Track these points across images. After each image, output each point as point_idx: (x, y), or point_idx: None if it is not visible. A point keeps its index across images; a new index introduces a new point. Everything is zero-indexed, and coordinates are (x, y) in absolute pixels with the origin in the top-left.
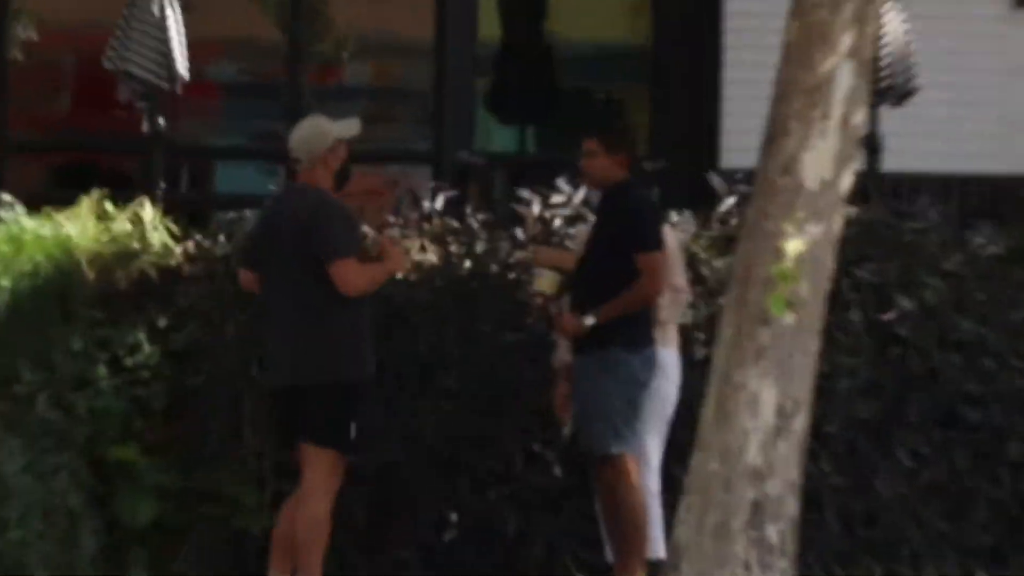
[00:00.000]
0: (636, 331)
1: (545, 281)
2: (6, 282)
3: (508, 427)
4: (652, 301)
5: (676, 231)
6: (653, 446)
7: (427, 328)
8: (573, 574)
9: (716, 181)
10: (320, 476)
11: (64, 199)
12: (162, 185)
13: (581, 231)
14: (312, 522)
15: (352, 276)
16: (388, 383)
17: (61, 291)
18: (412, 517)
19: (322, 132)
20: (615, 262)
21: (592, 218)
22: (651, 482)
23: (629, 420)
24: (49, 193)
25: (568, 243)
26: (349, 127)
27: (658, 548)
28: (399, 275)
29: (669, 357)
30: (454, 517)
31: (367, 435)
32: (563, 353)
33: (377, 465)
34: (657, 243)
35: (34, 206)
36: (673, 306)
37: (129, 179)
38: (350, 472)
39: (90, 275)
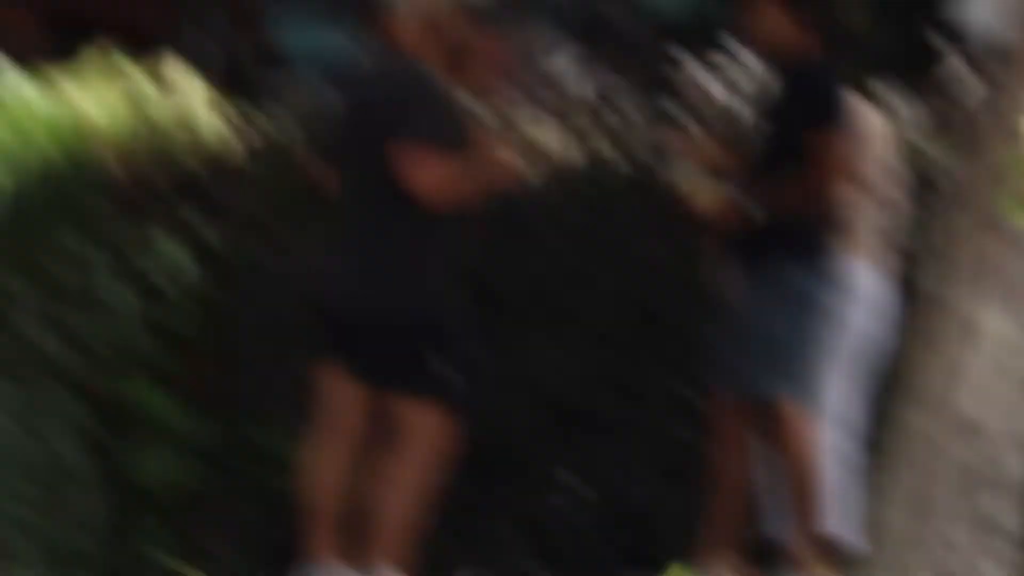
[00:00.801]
0: (809, 238)
1: (702, 191)
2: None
3: (653, 369)
4: (817, 193)
5: (884, 116)
6: (838, 393)
7: (547, 238)
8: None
9: (938, 39)
10: (427, 435)
11: (57, 51)
12: (218, 52)
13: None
14: (413, 500)
15: (427, 169)
16: (493, 313)
17: (79, 193)
18: (520, 486)
19: None
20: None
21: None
22: (835, 439)
23: (800, 355)
24: (34, 45)
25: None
26: None
27: (841, 524)
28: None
29: (866, 278)
30: (576, 485)
31: (470, 384)
32: None
33: (478, 418)
34: (831, 117)
35: (21, 63)
36: (869, 212)
37: (140, 25)
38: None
39: (120, 175)
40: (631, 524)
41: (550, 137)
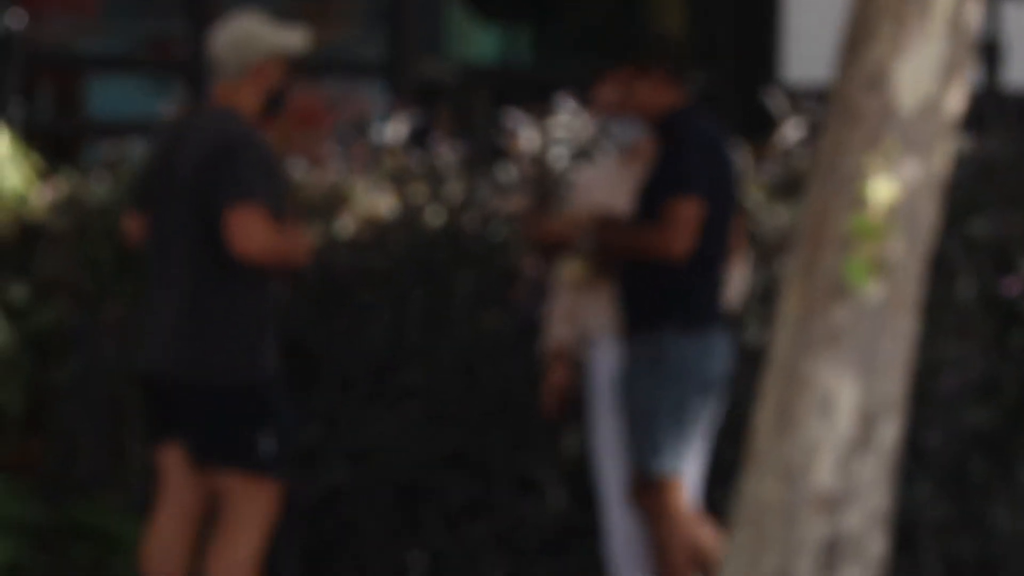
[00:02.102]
0: (694, 305)
1: (568, 267)
2: None
3: (492, 442)
4: (669, 256)
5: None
6: (691, 464)
7: (382, 307)
8: None
9: (774, 101)
10: (250, 507)
11: None
12: (17, 105)
13: (587, 176)
14: (237, 571)
15: (252, 228)
16: (328, 383)
17: None
18: (362, 562)
19: (256, 38)
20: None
21: (605, 151)
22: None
23: (677, 428)
24: None
25: (569, 189)
26: (295, 37)
27: None
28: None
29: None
30: (419, 560)
31: (286, 450)
32: (560, 330)
33: (314, 494)
34: (695, 186)
35: None
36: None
37: None
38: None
39: None
40: None
41: (381, 203)
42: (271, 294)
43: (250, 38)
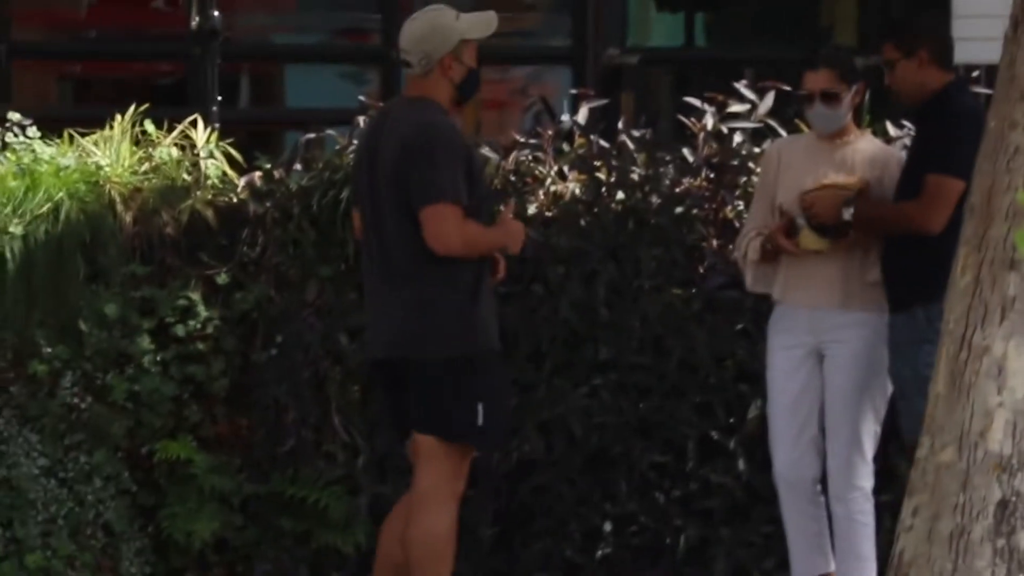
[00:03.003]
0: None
1: (809, 237)
2: (17, 228)
3: (679, 410)
4: (921, 228)
5: None
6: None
7: (570, 284)
8: None
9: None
10: (439, 478)
11: (89, 119)
12: (217, 98)
13: (785, 151)
14: (430, 538)
15: (446, 225)
16: (520, 358)
17: (90, 240)
18: (554, 529)
19: (445, 29)
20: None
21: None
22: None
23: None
24: (70, 111)
25: (751, 165)
26: (482, 23)
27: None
28: (509, 252)
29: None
30: (608, 528)
31: (497, 422)
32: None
33: (508, 463)
34: (958, 168)
35: (51, 128)
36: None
37: (174, 92)
38: (474, 473)
39: (127, 219)
40: (668, 565)
41: (563, 180)
42: (486, 271)
43: (438, 31)
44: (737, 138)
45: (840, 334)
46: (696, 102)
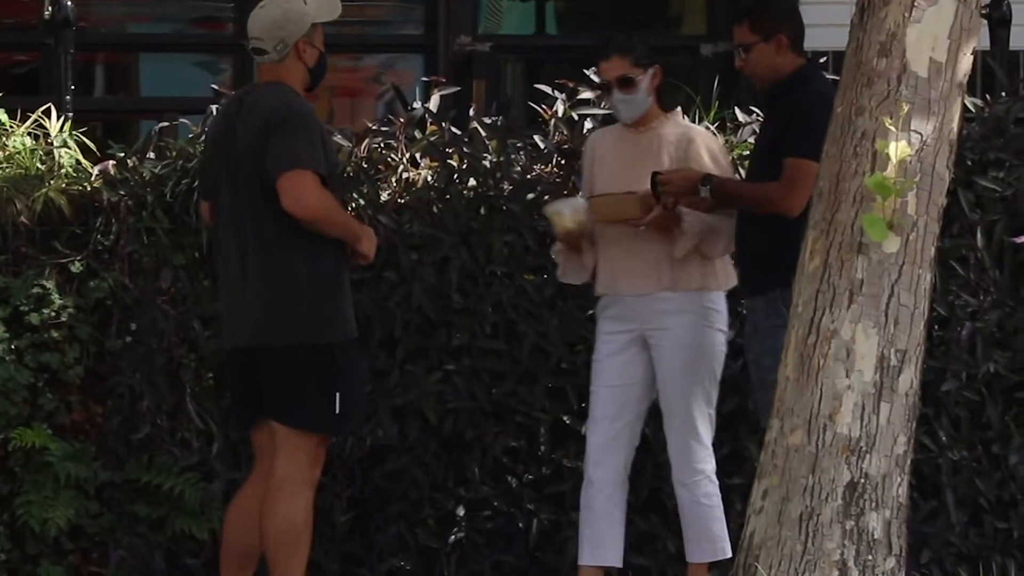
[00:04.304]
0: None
1: (567, 215)
2: None
3: (531, 395)
4: (783, 210)
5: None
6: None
7: (422, 270)
8: None
9: None
10: (296, 465)
11: None
12: (71, 87)
13: (601, 143)
14: (287, 525)
15: (305, 189)
16: (373, 344)
17: None
18: (408, 514)
19: (297, 14)
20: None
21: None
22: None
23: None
24: None
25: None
26: (329, 6)
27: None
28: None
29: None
30: (462, 512)
31: (354, 409)
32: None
33: (361, 449)
34: (815, 151)
35: None
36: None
37: (27, 81)
38: (328, 459)
39: None
40: (520, 549)
41: (415, 168)
42: (344, 259)
43: (291, 16)
44: (588, 124)
45: (665, 321)
46: (547, 89)
